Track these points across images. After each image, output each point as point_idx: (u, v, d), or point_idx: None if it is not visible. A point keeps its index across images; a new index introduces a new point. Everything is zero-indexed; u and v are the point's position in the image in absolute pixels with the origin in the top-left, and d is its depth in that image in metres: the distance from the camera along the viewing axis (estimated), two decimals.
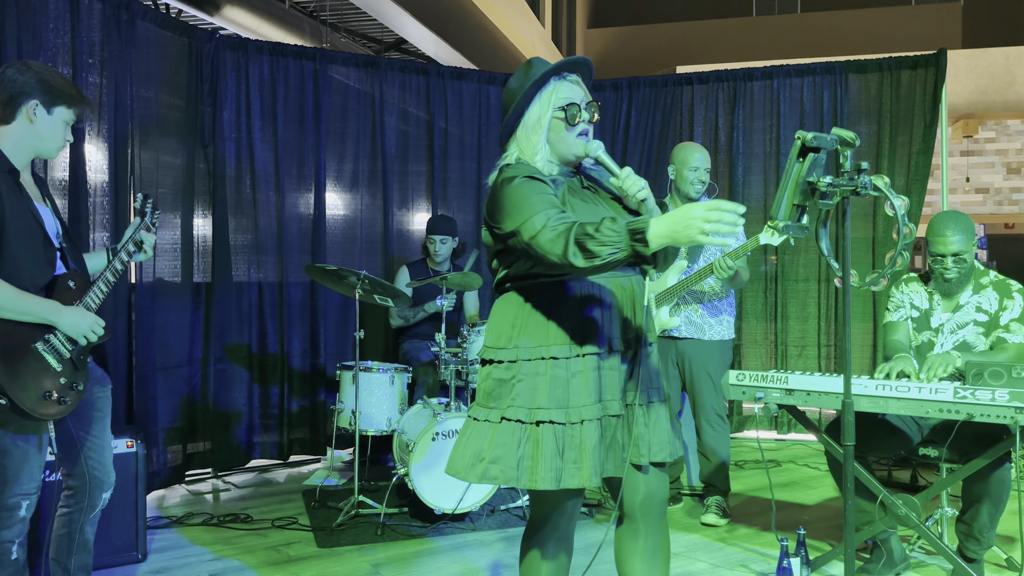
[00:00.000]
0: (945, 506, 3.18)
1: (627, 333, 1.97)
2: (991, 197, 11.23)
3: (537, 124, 2.01)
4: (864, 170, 1.68)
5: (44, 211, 2.38)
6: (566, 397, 1.91)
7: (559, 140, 2.02)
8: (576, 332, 1.93)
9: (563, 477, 1.88)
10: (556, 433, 1.90)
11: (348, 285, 3.91)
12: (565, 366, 1.92)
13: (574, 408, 1.91)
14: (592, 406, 1.91)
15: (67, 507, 2.49)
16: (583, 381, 1.92)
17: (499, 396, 1.96)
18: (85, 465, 2.48)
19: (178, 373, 4.38)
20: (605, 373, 1.94)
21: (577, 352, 1.93)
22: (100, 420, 2.52)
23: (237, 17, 6.31)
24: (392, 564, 3.22)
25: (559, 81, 2.03)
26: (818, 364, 5.36)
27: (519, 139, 2.05)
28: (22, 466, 2.26)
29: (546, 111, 2.00)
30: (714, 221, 1.63)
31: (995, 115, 10.81)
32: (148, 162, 4.19)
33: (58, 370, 2.28)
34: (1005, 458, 2.78)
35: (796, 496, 4.20)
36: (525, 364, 1.94)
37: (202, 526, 3.70)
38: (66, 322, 2.29)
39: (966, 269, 3.02)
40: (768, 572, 3.11)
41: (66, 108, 2.35)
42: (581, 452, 1.89)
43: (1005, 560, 3.17)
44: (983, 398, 2.51)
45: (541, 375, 1.92)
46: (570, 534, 2.13)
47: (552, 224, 1.79)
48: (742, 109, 5.44)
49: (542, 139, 2.01)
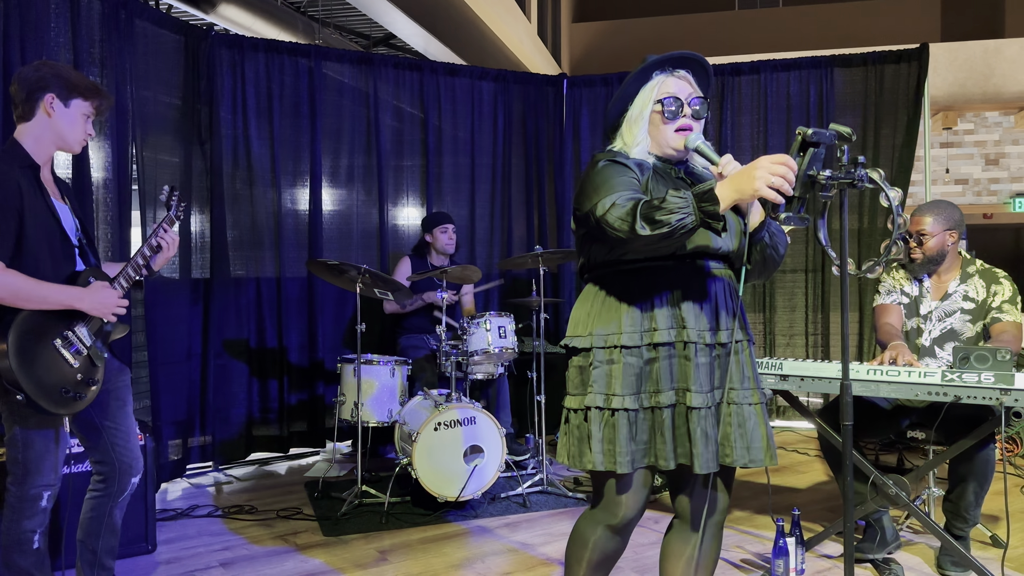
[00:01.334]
0: (932, 486, 3.30)
1: (703, 325, 1.95)
2: (970, 188, 11.42)
3: (639, 117, 2.04)
4: (861, 164, 1.77)
5: (62, 208, 2.43)
6: (639, 384, 1.94)
7: (658, 133, 2.03)
8: (649, 321, 1.95)
9: (635, 459, 1.92)
10: (630, 419, 1.92)
11: (349, 279, 3.98)
12: (638, 354, 1.94)
13: (646, 394, 1.94)
14: (666, 393, 1.93)
15: (97, 491, 2.55)
16: (656, 369, 1.93)
17: (580, 384, 2.01)
18: (112, 452, 2.53)
19: (178, 368, 4.42)
20: (680, 363, 1.94)
21: (649, 341, 1.94)
22: (121, 408, 2.57)
23: (231, 14, 6.33)
24: (398, 550, 3.30)
25: (664, 75, 2.05)
26: (806, 352, 5.48)
27: (623, 132, 2.08)
28: (44, 458, 2.32)
29: (647, 105, 2.03)
30: (778, 175, 1.70)
31: (974, 107, 11.00)
32: (147, 160, 4.22)
33: (75, 366, 2.33)
34: (989, 439, 2.90)
35: (787, 480, 4.32)
36: (599, 352, 1.97)
37: (208, 517, 3.76)
38: (89, 303, 2.34)
39: (932, 250, 3.15)
40: (764, 552, 3.21)
41: (83, 100, 2.40)
42: (652, 436, 1.93)
43: (990, 537, 3.30)
44: (970, 380, 2.62)
45: (615, 363, 1.94)
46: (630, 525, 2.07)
47: (621, 202, 1.83)
48: (730, 103, 5.54)
49: (643, 131, 2.04)
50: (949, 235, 3.13)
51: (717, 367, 1.96)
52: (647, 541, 3.40)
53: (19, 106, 2.36)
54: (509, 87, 5.57)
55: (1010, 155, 11.26)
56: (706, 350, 1.95)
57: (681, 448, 1.93)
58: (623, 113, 2.07)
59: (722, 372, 1.97)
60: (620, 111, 2.08)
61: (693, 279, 1.97)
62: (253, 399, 4.78)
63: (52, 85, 2.35)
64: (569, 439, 2.02)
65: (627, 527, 2.04)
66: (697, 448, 1.90)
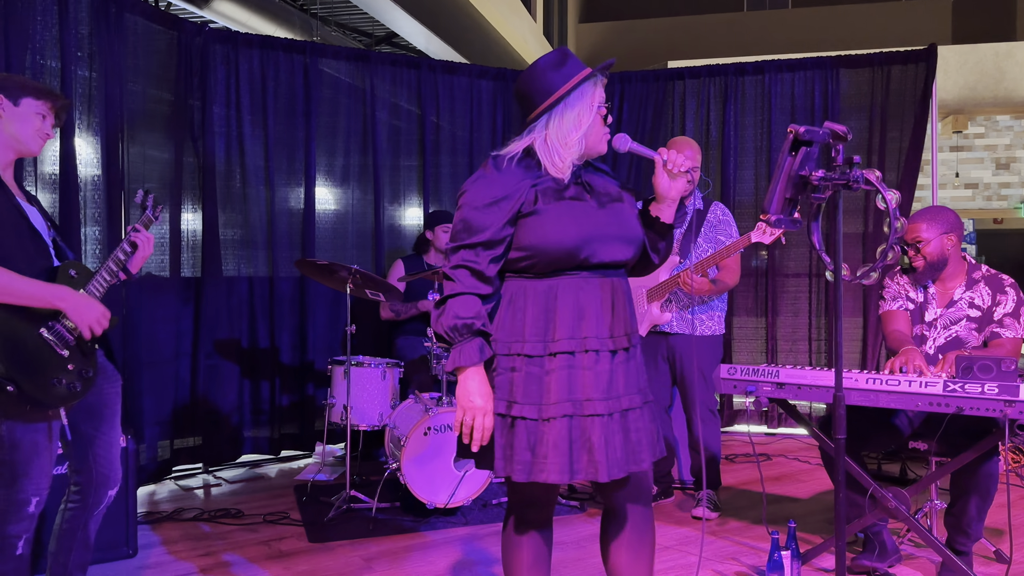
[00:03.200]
0: (934, 499, 3.20)
1: (604, 333, 2.00)
2: (980, 192, 11.29)
3: (577, 119, 2.02)
4: (856, 164, 1.69)
5: (29, 208, 2.38)
6: (539, 394, 1.95)
7: (593, 136, 2.06)
8: (551, 330, 1.97)
9: (532, 471, 1.93)
10: (528, 428, 1.94)
11: (339, 280, 3.90)
12: (540, 364, 1.96)
13: (545, 405, 1.94)
14: (563, 403, 1.94)
15: (73, 503, 2.48)
16: (556, 379, 1.95)
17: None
18: (93, 462, 2.47)
19: (167, 368, 4.36)
20: (580, 373, 1.96)
21: (551, 351, 1.96)
22: (110, 418, 2.51)
23: (226, 10, 6.28)
24: (384, 558, 3.22)
25: (596, 83, 2.07)
26: (809, 359, 5.38)
27: (552, 128, 2.02)
28: (31, 460, 2.24)
29: (588, 110, 2.03)
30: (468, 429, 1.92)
31: (984, 111, 10.88)
32: (137, 156, 4.16)
33: (65, 356, 2.27)
34: (993, 451, 2.80)
35: (787, 490, 4.22)
36: (502, 359, 1.98)
37: (193, 521, 3.69)
38: (73, 307, 2.28)
39: (933, 256, 3.05)
40: (759, 565, 3.12)
41: (33, 99, 2.35)
42: (550, 448, 1.92)
43: (993, 552, 3.20)
44: (972, 391, 2.53)
45: (517, 371, 1.96)
46: (547, 522, 2.18)
47: (452, 287, 1.96)
48: (734, 104, 5.44)
49: (579, 134, 2.03)
50: (947, 238, 3.03)
51: (620, 373, 2.01)
52: None
53: None
54: (509, 86, 5.49)
55: (1021, 159, 11.13)
56: (608, 357, 1.99)
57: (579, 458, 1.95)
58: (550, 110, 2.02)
59: (625, 378, 2.02)
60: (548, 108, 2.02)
61: (595, 290, 2.01)
62: (244, 400, 4.71)
63: (1, 87, 2.31)
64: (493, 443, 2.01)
65: (544, 524, 2.16)
66: (598, 455, 1.93)
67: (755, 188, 5.46)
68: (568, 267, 1.99)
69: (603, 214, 2.04)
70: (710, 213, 3.85)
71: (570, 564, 3.18)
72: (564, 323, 1.97)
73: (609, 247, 2.02)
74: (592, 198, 2.06)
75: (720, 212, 3.86)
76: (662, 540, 3.44)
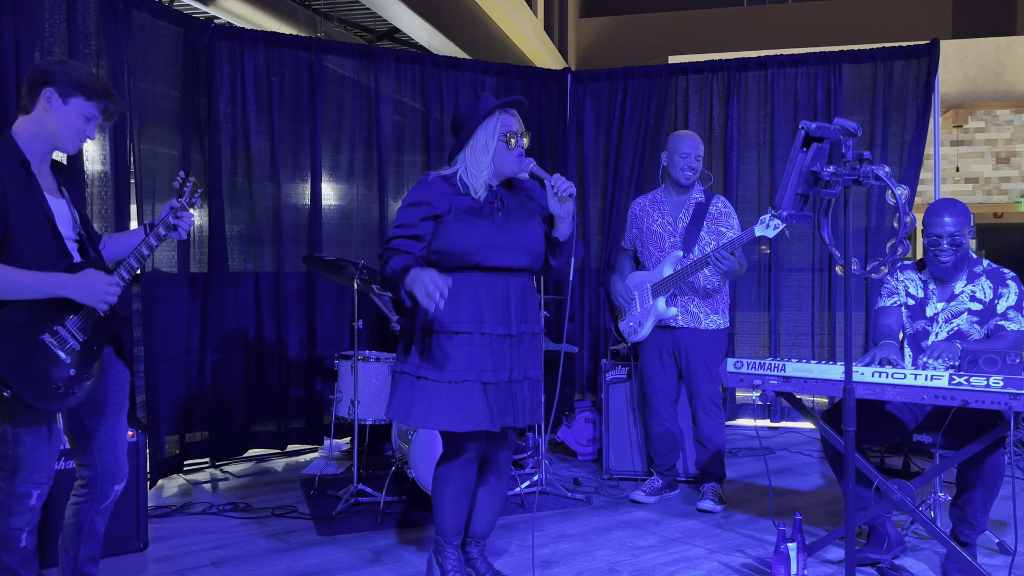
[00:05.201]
0: (939, 491, 3.23)
1: (497, 320, 2.59)
2: (980, 187, 11.30)
3: (484, 148, 2.61)
4: (866, 160, 1.71)
5: (57, 203, 2.35)
6: (443, 362, 2.56)
7: (500, 160, 2.63)
8: (456, 313, 2.57)
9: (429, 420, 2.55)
10: (429, 388, 2.57)
11: (346, 275, 3.92)
12: (449, 338, 2.57)
13: (449, 371, 2.55)
14: (464, 371, 2.54)
15: (79, 496, 2.50)
16: (457, 353, 2.56)
17: (402, 356, 2.68)
18: (98, 457, 2.48)
19: (175, 363, 4.38)
20: (478, 350, 2.57)
21: (455, 330, 2.56)
22: (115, 413, 2.51)
23: (232, 7, 6.28)
24: (393, 551, 3.25)
25: (502, 114, 2.63)
26: (811, 352, 5.41)
27: (467, 156, 2.64)
28: (33, 456, 2.27)
29: (491, 138, 2.61)
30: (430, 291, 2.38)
31: (985, 105, 10.88)
32: (145, 153, 4.17)
33: (67, 362, 2.28)
34: (999, 444, 2.82)
35: (790, 483, 4.25)
36: (418, 332, 2.62)
37: (202, 515, 3.71)
38: (76, 289, 2.25)
39: (961, 254, 3.04)
40: (765, 557, 3.15)
41: (84, 100, 2.30)
42: (453, 404, 2.53)
43: (997, 544, 3.23)
44: (978, 384, 2.55)
45: (427, 343, 2.59)
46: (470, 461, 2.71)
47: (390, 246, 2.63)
48: (736, 99, 5.46)
49: (488, 158, 2.61)
50: (969, 233, 3.05)
51: (508, 352, 2.61)
52: (646, 544, 3.34)
53: (23, 97, 2.30)
54: (512, 81, 5.50)
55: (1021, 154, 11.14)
56: (499, 340, 2.60)
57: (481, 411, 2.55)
58: (466, 141, 2.63)
59: (512, 356, 2.62)
60: (463, 141, 2.64)
61: (489, 287, 2.61)
62: (251, 395, 4.73)
63: (55, 80, 2.27)
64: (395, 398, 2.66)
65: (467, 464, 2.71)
66: (490, 411, 2.56)
67: (758, 183, 5.48)
68: (466, 267, 2.59)
69: (505, 228, 2.62)
70: (711, 206, 3.87)
71: (577, 555, 3.21)
72: (466, 309, 2.57)
73: (502, 255, 2.60)
74: (501, 214, 2.64)
75: (722, 205, 3.89)
76: (667, 533, 3.47)
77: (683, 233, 3.85)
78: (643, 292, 3.90)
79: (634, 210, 4.05)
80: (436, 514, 2.77)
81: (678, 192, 3.92)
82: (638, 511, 3.78)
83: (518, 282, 2.66)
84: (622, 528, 3.54)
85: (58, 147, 2.34)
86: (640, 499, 3.88)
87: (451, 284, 2.47)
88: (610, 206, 5.53)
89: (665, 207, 3.93)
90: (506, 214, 2.66)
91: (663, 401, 3.94)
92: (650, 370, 3.93)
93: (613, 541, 3.37)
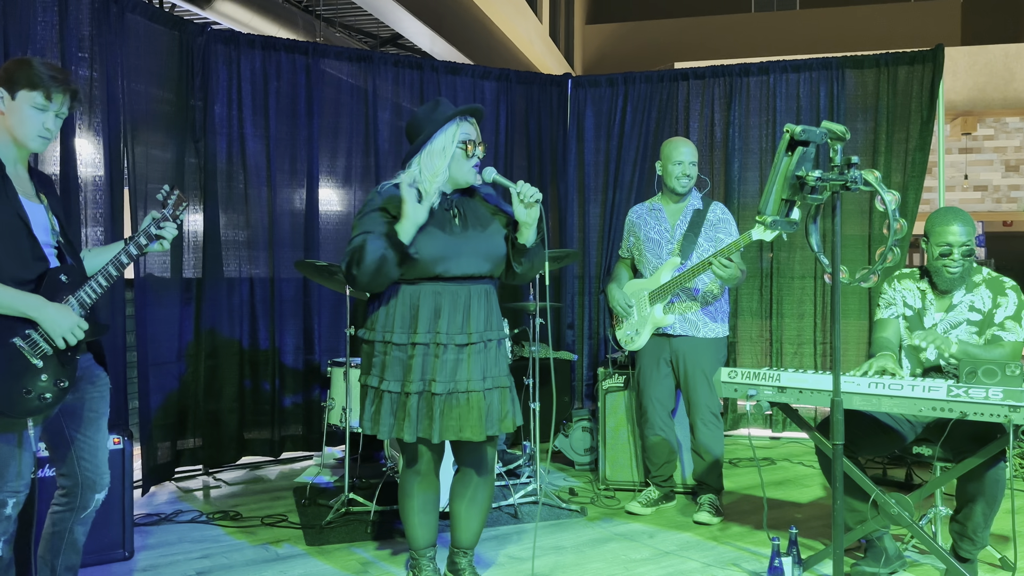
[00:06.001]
0: (939, 505, 3.15)
1: (455, 330, 2.58)
2: (989, 195, 11.20)
3: (442, 152, 2.58)
4: (854, 164, 1.65)
5: (33, 208, 2.31)
6: (402, 373, 2.58)
7: (457, 167, 2.61)
8: (413, 325, 2.58)
9: (393, 430, 2.58)
10: (392, 399, 2.58)
11: (339, 281, 3.88)
12: (404, 350, 2.59)
13: (406, 382, 2.56)
14: (417, 382, 2.55)
15: (59, 506, 2.45)
16: (414, 364, 2.56)
17: (368, 368, 2.66)
18: (77, 466, 2.43)
19: (168, 369, 4.34)
20: (431, 360, 2.56)
21: (412, 341, 2.57)
22: (95, 421, 2.45)
23: (229, 11, 6.27)
24: (382, 562, 3.20)
25: (461, 121, 2.61)
26: (814, 362, 5.33)
27: (423, 161, 2.59)
28: (7, 464, 2.22)
29: (450, 144, 2.58)
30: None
31: (994, 112, 10.78)
32: (139, 157, 4.14)
33: (39, 367, 2.23)
34: (999, 457, 2.75)
35: (790, 494, 4.17)
36: (377, 344, 2.63)
37: (191, 523, 3.67)
38: (48, 318, 2.22)
39: (968, 264, 2.97)
40: (760, 571, 3.08)
41: (28, 91, 2.23)
42: (407, 414, 2.55)
43: (999, 560, 3.15)
44: (977, 396, 2.48)
45: (388, 355, 2.60)
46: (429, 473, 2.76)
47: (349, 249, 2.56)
48: (738, 105, 5.40)
49: (444, 164, 2.58)
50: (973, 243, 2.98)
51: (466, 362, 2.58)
52: (639, 557, 3.28)
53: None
54: (512, 87, 5.46)
55: None
56: (456, 349, 2.58)
57: (423, 423, 2.56)
58: (422, 146, 2.59)
59: (474, 365, 2.58)
60: (419, 145, 2.60)
61: (450, 296, 2.59)
62: (245, 402, 4.69)
63: (3, 79, 2.24)
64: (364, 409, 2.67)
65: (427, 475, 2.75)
66: (436, 424, 2.55)
67: (759, 190, 5.40)
68: (428, 277, 2.58)
69: (464, 236, 2.61)
70: (710, 212, 3.82)
71: (569, 569, 3.15)
72: (424, 321, 2.57)
73: (463, 263, 2.59)
74: (459, 222, 2.63)
75: (720, 211, 3.83)
76: (662, 545, 3.41)
77: (681, 240, 3.79)
78: (640, 300, 3.85)
79: (631, 218, 4.00)
80: (404, 528, 2.78)
81: (675, 200, 3.86)
82: (633, 523, 3.71)
83: (479, 289, 2.66)
84: (616, 540, 3.48)
85: (22, 146, 2.29)
86: (636, 511, 3.81)
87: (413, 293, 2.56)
88: (611, 213, 5.48)
89: (662, 214, 3.88)
90: (463, 221, 2.65)
91: (659, 411, 3.87)
92: (646, 379, 3.87)
93: (606, 554, 3.31)
